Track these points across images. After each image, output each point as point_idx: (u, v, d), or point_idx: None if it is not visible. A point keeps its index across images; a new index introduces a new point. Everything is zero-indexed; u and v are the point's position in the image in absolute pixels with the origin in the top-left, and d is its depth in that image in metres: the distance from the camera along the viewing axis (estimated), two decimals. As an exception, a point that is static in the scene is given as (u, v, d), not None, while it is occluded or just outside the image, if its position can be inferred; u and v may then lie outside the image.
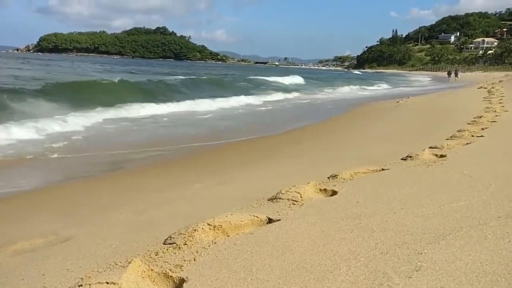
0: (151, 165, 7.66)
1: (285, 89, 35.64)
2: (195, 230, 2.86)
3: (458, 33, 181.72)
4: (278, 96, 28.27)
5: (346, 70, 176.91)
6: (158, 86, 27.08)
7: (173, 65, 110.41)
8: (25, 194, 5.75)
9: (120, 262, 2.57)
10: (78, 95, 18.55)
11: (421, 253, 2.48)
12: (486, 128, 8.52)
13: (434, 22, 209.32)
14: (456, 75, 59.50)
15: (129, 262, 2.42)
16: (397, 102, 19.75)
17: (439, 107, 16.22)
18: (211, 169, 7.11)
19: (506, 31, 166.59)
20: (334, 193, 3.95)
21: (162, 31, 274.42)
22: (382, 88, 44.48)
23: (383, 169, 4.99)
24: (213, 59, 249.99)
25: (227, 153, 8.85)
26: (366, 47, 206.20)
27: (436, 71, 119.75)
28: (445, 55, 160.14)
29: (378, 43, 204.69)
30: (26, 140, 9.50)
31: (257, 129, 12.51)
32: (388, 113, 15.83)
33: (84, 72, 41.99)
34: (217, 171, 6.83)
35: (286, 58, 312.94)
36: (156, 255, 2.64)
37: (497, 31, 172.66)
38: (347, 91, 37.88)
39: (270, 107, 21.05)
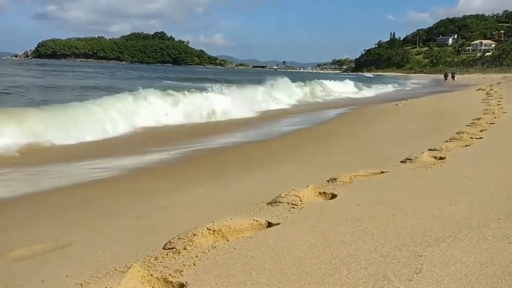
0: (150, 169, 7.65)
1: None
2: (194, 235, 2.86)
3: (455, 36, 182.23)
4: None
5: (345, 72, 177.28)
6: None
7: (179, 70, 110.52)
8: (23, 199, 5.73)
9: (120, 268, 2.56)
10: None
11: (421, 256, 2.48)
12: (485, 130, 8.53)
13: (431, 25, 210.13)
14: (453, 77, 60.55)
15: (128, 268, 2.41)
16: (396, 104, 19.76)
17: (438, 109, 16.24)
18: (210, 173, 7.10)
19: (503, 33, 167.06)
20: (333, 196, 3.94)
21: (160, 36, 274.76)
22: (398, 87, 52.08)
23: (382, 172, 4.98)
24: (212, 64, 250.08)
25: (227, 156, 8.84)
26: (364, 50, 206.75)
27: (434, 73, 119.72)
28: (443, 57, 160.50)
29: (376, 46, 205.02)
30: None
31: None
32: (387, 115, 15.84)
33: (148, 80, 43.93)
34: (216, 175, 6.82)
35: (284, 62, 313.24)
36: (156, 260, 2.63)
37: (494, 33, 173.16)
38: (396, 87, 49.50)
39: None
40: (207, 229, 2.95)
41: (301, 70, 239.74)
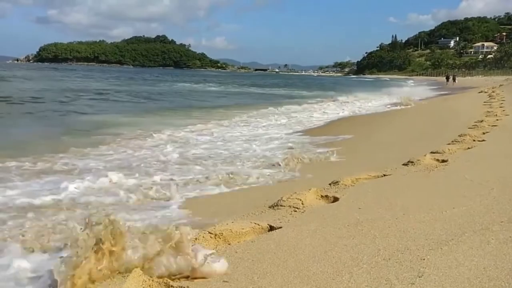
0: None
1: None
2: (196, 239, 2.85)
3: (457, 38, 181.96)
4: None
5: (348, 75, 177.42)
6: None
7: (190, 74, 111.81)
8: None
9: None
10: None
11: (424, 259, 2.47)
12: (487, 132, 8.51)
13: (433, 27, 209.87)
14: (454, 80, 63.22)
15: (130, 272, 2.40)
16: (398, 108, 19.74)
17: (440, 112, 16.22)
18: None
19: (505, 35, 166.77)
20: (335, 199, 3.93)
21: (161, 39, 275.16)
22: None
23: (384, 175, 4.97)
24: (213, 67, 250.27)
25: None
26: (366, 52, 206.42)
27: (436, 76, 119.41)
28: (445, 60, 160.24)
29: (378, 48, 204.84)
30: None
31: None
32: (390, 118, 15.82)
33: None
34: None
35: (286, 65, 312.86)
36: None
37: (496, 35, 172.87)
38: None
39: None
40: (209, 233, 2.94)
41: (303, 73, 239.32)
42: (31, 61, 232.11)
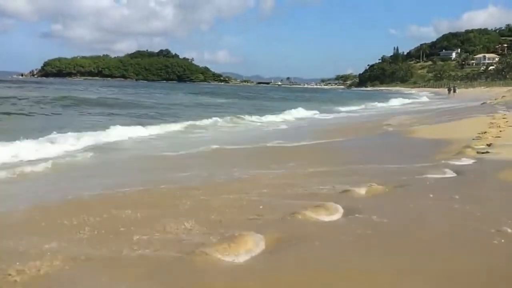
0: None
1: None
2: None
3: (459, 50, 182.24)
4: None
5: (350, 88, 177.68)
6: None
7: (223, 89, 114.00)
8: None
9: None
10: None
11: None
12: (490, 144, 8.55)
13: (434, 39, 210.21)
14: (454, 91, 70.99)
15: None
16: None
17: (442, 122, 16.24)
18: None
19: (506, 46, 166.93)
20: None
21: (165, 53, 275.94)
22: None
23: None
24: (216, 80, 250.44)
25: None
26: (368, 65, 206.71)
27: (438, 87, 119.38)
28: (447, 71, 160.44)
29: (380, 61, 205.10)
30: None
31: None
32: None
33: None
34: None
35: (288, 78, 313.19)
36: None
37: (497, 46, 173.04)
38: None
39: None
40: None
41: (305, 85, 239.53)
42: (35, 76, 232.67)
